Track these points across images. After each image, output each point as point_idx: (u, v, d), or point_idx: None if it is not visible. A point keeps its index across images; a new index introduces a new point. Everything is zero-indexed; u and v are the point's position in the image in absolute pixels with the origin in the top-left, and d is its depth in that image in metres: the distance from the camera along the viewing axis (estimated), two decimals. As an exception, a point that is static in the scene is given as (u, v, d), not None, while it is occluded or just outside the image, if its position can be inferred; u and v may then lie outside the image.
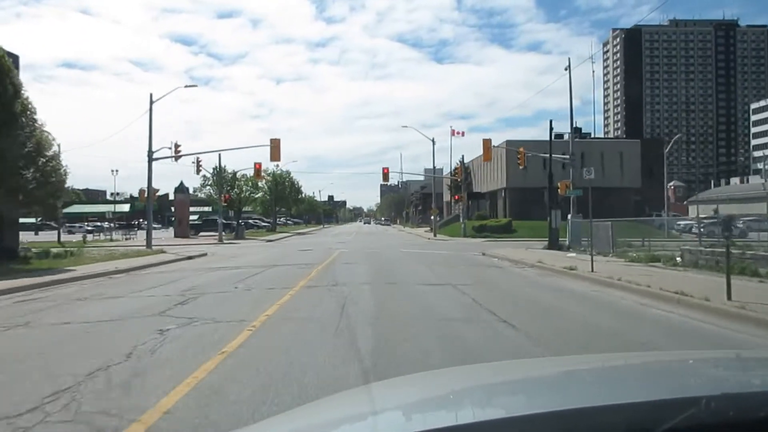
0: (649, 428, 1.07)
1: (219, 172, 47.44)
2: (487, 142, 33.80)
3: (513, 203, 56.56)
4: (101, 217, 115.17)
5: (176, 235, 54.03)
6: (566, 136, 66.25)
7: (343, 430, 1.46)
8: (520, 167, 37.88)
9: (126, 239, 52.40)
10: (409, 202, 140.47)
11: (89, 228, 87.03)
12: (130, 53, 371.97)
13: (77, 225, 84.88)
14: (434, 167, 54.54)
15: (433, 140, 55.08)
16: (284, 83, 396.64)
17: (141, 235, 68.90)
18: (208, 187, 52.95)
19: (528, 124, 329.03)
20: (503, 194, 58.45)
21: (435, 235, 53.78)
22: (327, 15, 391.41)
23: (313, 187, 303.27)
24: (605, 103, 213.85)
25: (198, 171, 42.40)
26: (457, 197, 51.26)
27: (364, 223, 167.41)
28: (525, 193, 56.23)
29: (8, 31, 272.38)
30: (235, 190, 55.08)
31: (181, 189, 54.67)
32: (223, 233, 60.23)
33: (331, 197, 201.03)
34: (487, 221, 51.95)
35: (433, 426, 1.18)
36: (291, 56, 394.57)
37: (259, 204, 76.80)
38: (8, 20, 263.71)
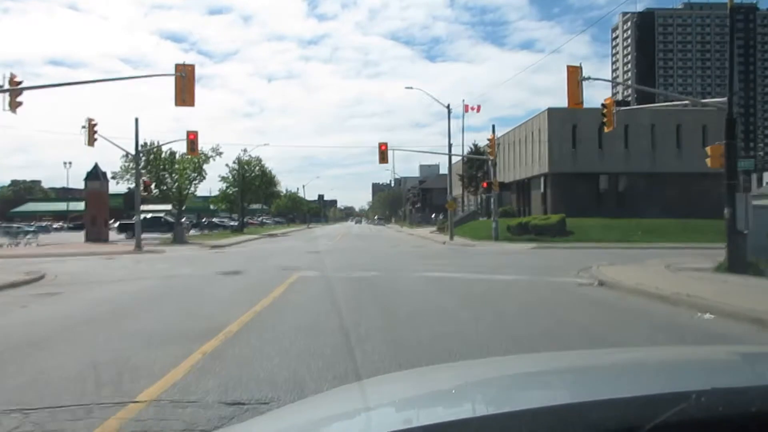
0: (640, 423, 1.05)
1: (136, 144, 31.74)
2: (574, 72, 18.38)
3: (558, 194, 41.25)
4: (60, 215, 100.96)
5: (88, 239, 38.36)
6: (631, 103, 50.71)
7: (335, 427, 1.42)
8: (606, 130, 22.43)
9: (14, 245, 36.70)
10: (405, 200, 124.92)
11: (29, 228, 77.77)
12: (118, 50, 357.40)
13: (15, 225, 73.62)
14: (449, 143, 39.29)
15: (448, 106, 39.83)
16: (276, 81, 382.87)
17: (54, 238, 53.47)
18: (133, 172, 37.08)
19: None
20: (542, 183, 43.19)
21: (451, 238, 38.36)
22: (319, 12, 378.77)
23: (306, 187, 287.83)
24: (613, 93, 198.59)
25: (91, 141, 26.76)
26: (485, 184, 36.05)
27: (355, 223, 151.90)
28: (574, 181, 40.89)
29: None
30: (173, 175, 39.34)
31: (94, 175, 38.87)
32: (168, 235, 45.06)
33: (321, 196, 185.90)
34: (530, 219, 36.55)
35: (425, 422, 1.16)
36: (282, 54, 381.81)
37: (221, 200, 61.07)
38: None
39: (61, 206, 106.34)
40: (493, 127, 35.54)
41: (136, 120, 32.33)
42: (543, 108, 53.15)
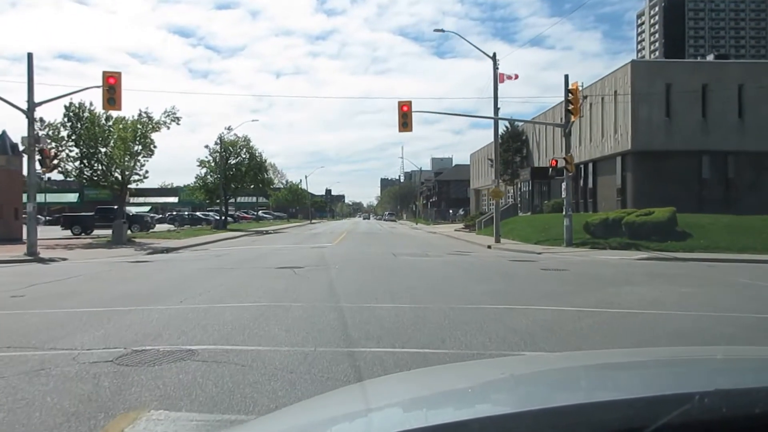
0: (643, 424, 1.03)
1: (30, 91, 20.47)
2: None
3: (643, 181, 29.74)
4: (44, 208, 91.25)
5: (-12, 237, 27.22)
6: (710, 56, 38.97)
7: (337, 428, 1.38)
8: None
9: None
10: (418, 194, 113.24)
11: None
12: (126, 45, 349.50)
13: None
14: (495, 106, 27.69)
15: (494, 56, 28.34)
16: (283, 77, 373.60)
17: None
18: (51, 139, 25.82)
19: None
20: (619, 165, 31.63)
21: (498, 241, 27.17)
22: (327, 7, 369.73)
23: (312, 183, 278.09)
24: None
25: None
26: (554, 162, 24.64)
27: (363, 219, 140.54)
28: (666, 163, 29.40)
29: (4, 21, 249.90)
30: (117, 150, 28.05)
31: (0, 148, 27.60)
32: (129, 230, 34.18)
33: (328, 191, 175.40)
34: (622, 214, 24.96)
35: (427, 423, 1.12)
36: (290, 49, 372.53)
37: (198, 188, 49.89)
38: (4, 9, 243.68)
39: (50, 198, 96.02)
40: (566, 77, 24.07)
41: (29, 56, 21.11)
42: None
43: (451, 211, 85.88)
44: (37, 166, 21.59)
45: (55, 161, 22.72)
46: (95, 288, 10.79)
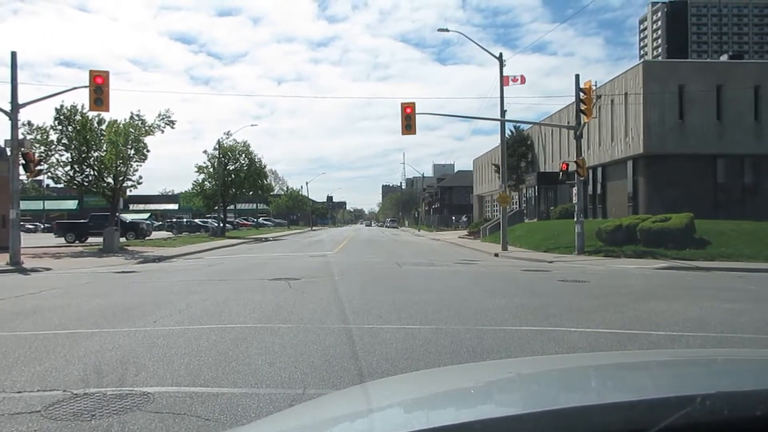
0: (645, 427, 1.03)
1: (13, 92, 19.40)
2: None
3: (655, 186, 28.53)
4: (42, 215, 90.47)
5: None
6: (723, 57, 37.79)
7: (340, 428, 1.37)
8: None
9: None
10: (420, 200, 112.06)
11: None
12: (128, 52, 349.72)
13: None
14: (502, 109, 26.50)
15: (500, 56, 27.23)
16: (285, 83, 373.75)
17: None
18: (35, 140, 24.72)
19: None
20: (630, 170, 30.41)
21: (505, 248, 26.06)
22: (329, 13, 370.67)
23: (313, 189, 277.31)
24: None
25: None
26: (565, 166, 23.41)
27: (365, 225, 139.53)
28: (680, 168, 28.20)
29: (6, 28, 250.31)
30: (108, 154, 26.93)
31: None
32: (122, 238, 33.07)
33: (330, 197, 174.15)
34: (636, 220, 23.74)
35: (429, 425, 1.12)
36: (292, 55, 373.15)
37: (195, 195, 48.75)
38: (5, 17, 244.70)
39: (48, 205, 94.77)
40: (577, 76, 22.96)
41: (13, 55, 20.03)
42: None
43: (453, 218, 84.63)
44: (21, 171, 20.58)
45: (40, 166, 21.62)
46: (65, 303, 9.64)
